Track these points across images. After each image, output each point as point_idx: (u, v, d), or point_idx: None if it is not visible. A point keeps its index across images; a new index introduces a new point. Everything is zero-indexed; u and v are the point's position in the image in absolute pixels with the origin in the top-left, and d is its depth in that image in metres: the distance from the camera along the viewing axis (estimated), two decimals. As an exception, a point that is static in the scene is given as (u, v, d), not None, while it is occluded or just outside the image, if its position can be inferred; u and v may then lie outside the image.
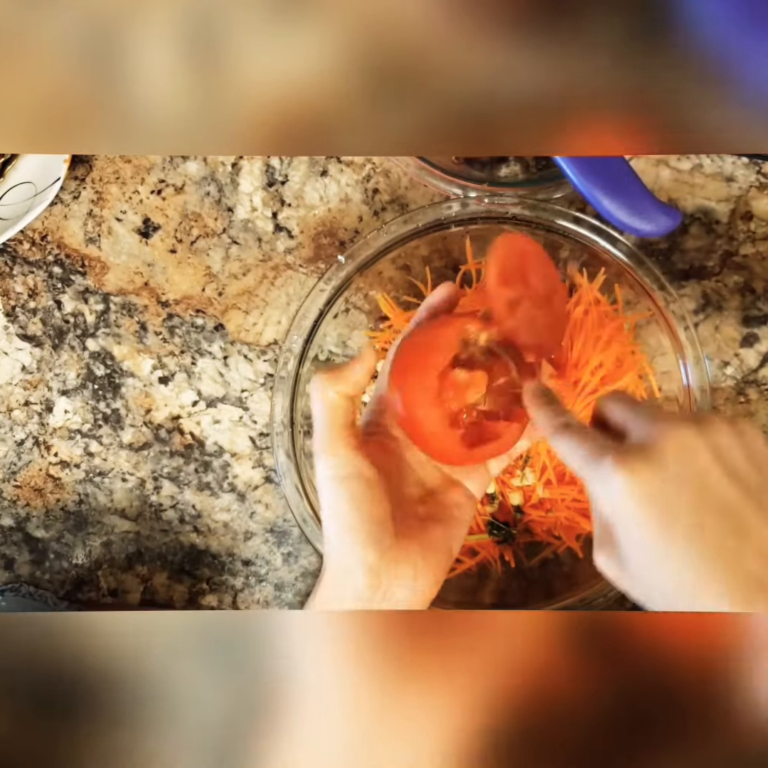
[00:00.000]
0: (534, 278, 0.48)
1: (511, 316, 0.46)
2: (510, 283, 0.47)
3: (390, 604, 0.43)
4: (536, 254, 0.49)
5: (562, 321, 0.51)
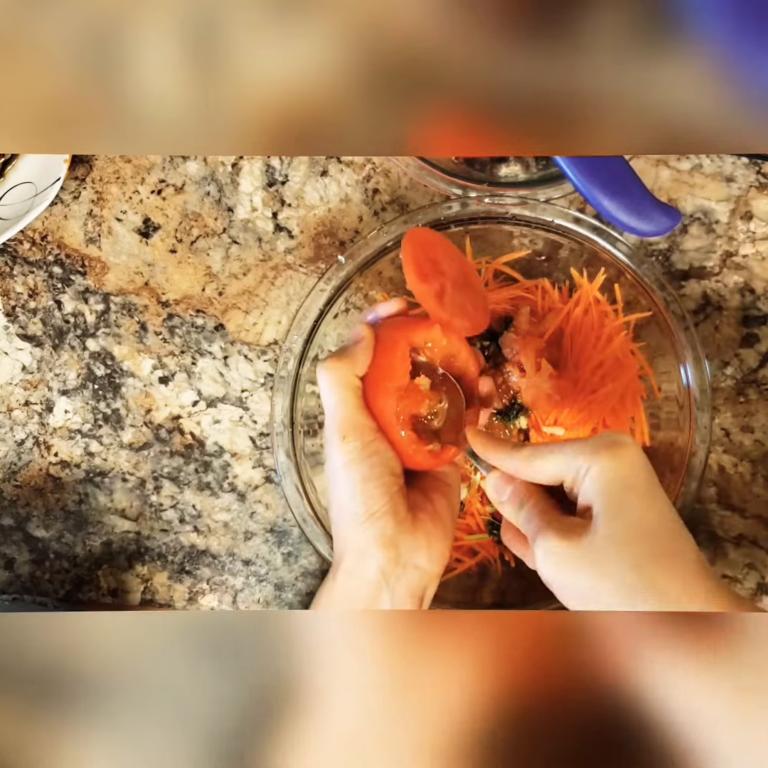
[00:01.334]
0: (445, 264, 0.49)
1: (442, 309, 0.48)
2: (428, 276, 0.48)
3: (407, 575, 0.45)
4: (438, 241, 0.50)
5: (483, 294, 0.52)
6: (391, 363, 0.47)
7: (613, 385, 0.55)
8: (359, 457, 0.45)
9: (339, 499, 0.46)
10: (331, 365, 0.46)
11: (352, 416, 0.46)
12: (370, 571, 0.44)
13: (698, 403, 0.54)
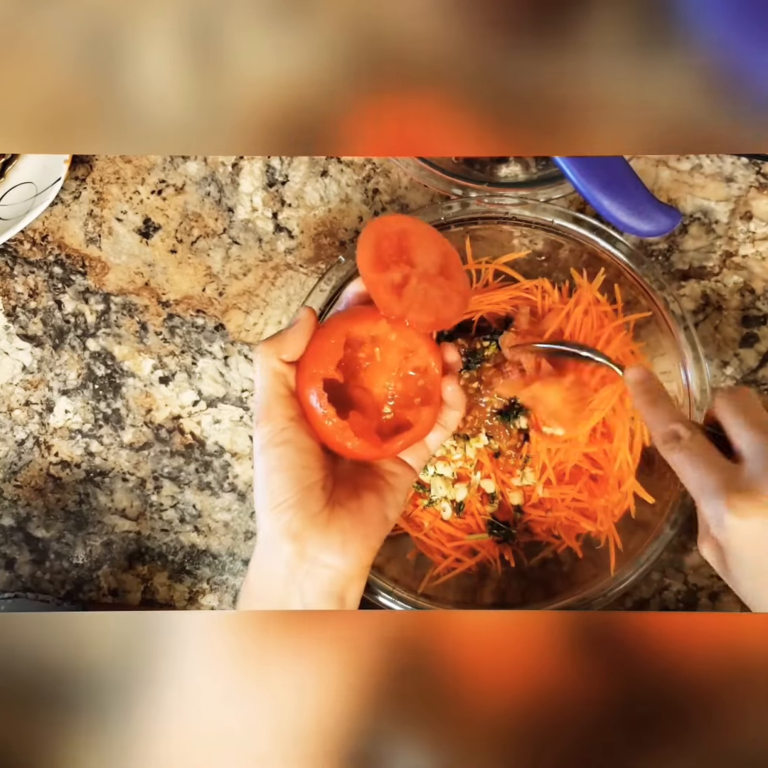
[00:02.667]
0: (418, 253, 0.48)
1: (397, 302, 0.46)
2: (387, 267, 0.46)
3: (317, 572, 0.43)
4: (416, 229, 0.48)
5: (461, 288, 0.49)
6: (322, 349, 0.45)
7: (614, 386, 0.55)
8: (269, 444, 0.44)
9: (255, 483, 0.45)
10: (260, 348, 0.45)
11: (267, 401, 0.44)
12: (277, 564, 0.43)
13: (698, 403, 0.54)
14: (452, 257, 0.49)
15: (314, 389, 0.44)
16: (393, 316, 0.46)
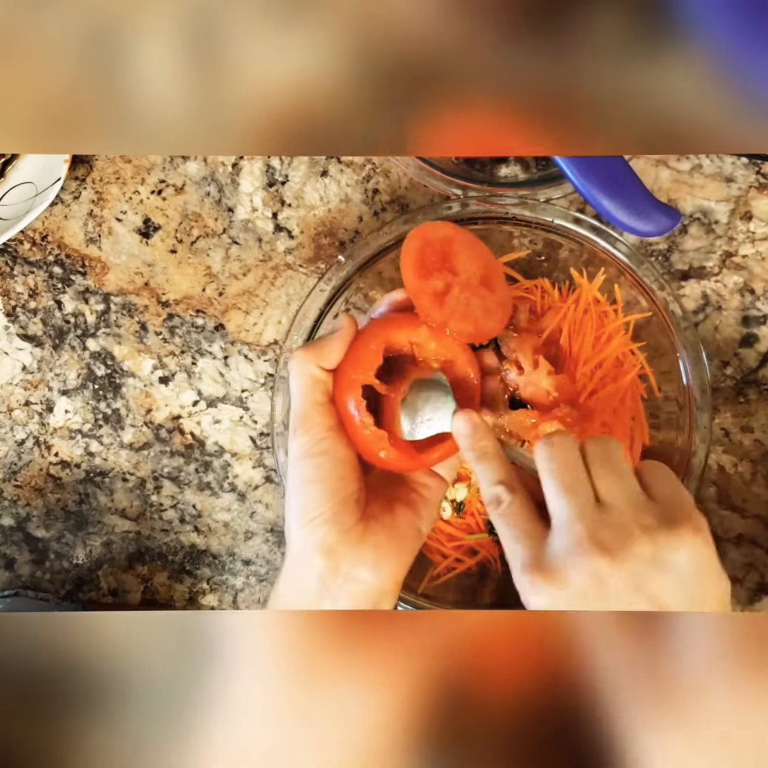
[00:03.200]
0: (461, 262, 0.47)
1: (439, 310, 0.46)
2: (430, 274, 0.46)
3: (350, 587, 0.42)
4: (460, 237, 0.48)
5: (502, 300, 0.48)
6: (361, 356, 0.44)
7: (614, 386, 0.55)
8: (306, 454, 0.43)
9: (287, 494, 0.44)
10: (297, 354, 0.44)
11: (305, 410, 0.43)
12: (310, 577, 0.42)
13: (698, 403, 0.54)
14: (495, 268, 0.49)
15: (352, 396, 0.43)
16: (434, 324, 0.46)
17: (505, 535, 0.41)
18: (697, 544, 0.37)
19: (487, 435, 0.44)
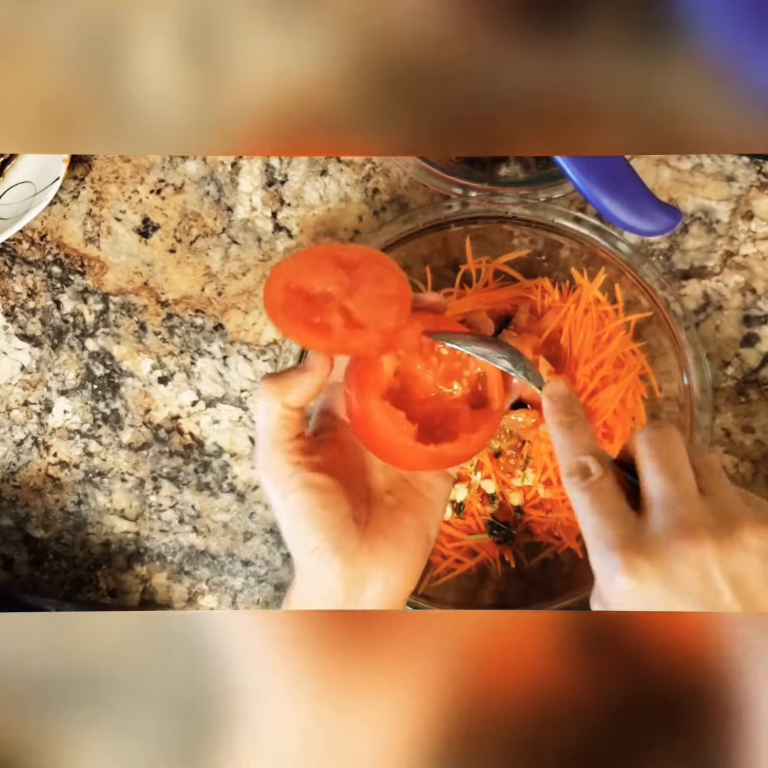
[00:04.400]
0: (336, 277, 0.44)
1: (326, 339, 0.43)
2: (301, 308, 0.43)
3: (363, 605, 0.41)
4: (314, 258, 0.44)
5: (393, 293, 0.44)
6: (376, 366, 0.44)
7: (615, 386, 0.55)
8: (283, 496, 0.41)
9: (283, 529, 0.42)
10: (263, 384, 0.42)
11: (268, 446, 0.41)
12: (320, 599, 0.41)
13: (699, 403, 0.53)
14: (369, 262, 0.45)
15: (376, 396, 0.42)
16: (328, 351, 0.43)
17: (588, 509, 0.38)
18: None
19: (579, 404, 0.42)
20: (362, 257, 0.45)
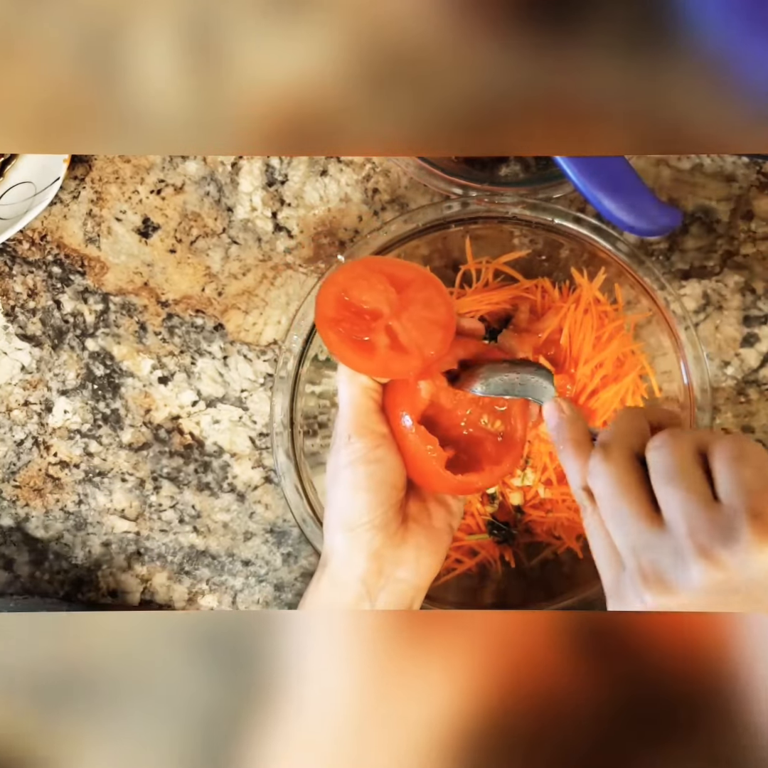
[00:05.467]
0: (385, 295, 0.45)
1: (369, 359, 0.44)
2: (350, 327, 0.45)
3: (391, 587, 0.43)
4: (366, 271, 0.46)
5: (439, 318, 0.45)
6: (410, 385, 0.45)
7: (615, 386, 0.55)
8: (360, 461, 0.44)
9: (334, 499, 0.45)
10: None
11: (360, 417, 0.44)
12: (351, 580, 0.43)
13: (699, 403, 0.53)
14: (421, 283, 0.46)
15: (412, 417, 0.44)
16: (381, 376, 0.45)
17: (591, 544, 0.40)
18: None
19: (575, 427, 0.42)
20: (414, 276, 0.46)
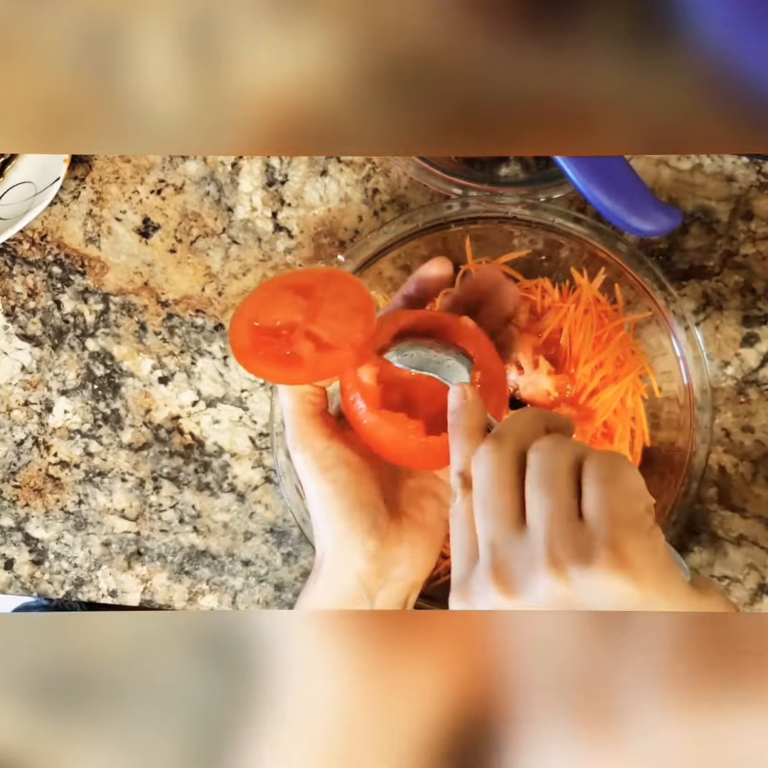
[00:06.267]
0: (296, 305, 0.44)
1: (300, 371, 0.43)
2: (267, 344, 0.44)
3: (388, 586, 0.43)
4: (270, 291, 0.45)
5: (356, 305, 0.44)
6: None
7: (615, 386, 0.55)
8: (317, 471, 0.42)
9: (313, 511, 0.44)
10: None
11: (300, 427, 0.43)
12: (349, 581, 0.43)
13: (699, 403, 0.53)
14: (324, 281, 0.45)
15: (371, 394, 0.43)
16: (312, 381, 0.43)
17: (451, 532, 0.37)
18: (615, 583, 0.31)
19: (472, 415, 0.39)
20: (316, 279, 0.45)
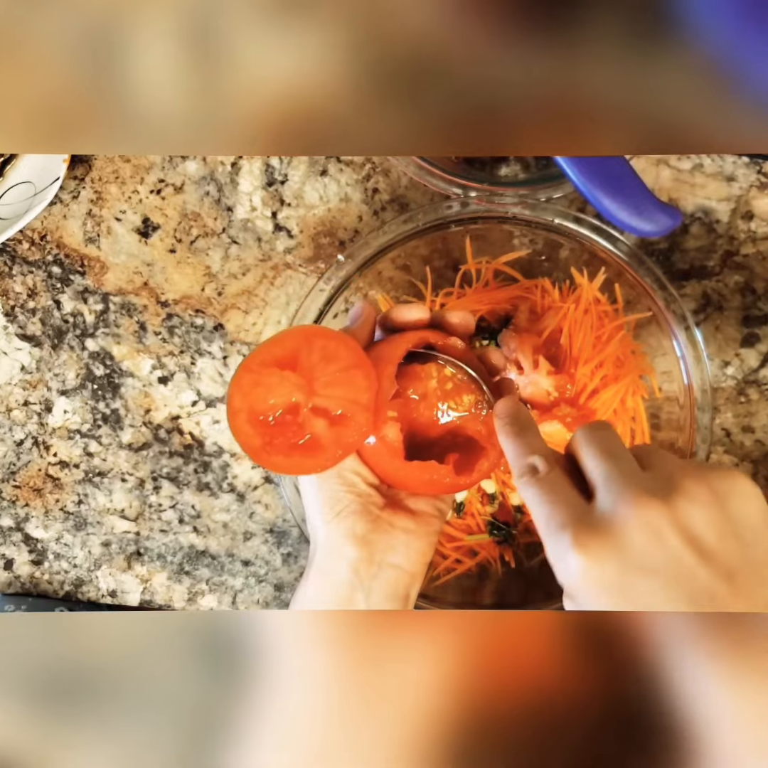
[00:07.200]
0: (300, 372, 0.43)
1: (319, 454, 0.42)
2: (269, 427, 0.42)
3: (384, 575, 0.43)
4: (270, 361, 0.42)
5: (350, 364, 0.42)
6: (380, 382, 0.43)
7: (615, 386, 0.55)
8: None
9: (304, 492, 0.45)
10: None
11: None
12: (341, 570, 0.43)
13: (699, 403, 0.53)
14: (302, 345, 0.42)
15: (393, 434, 0.43)
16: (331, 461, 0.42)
17: (538, 502, 0.37)
18: (754, 491, 0.34)
19: (527, 413, 0.42)
20: (295, 344, 0.42)
